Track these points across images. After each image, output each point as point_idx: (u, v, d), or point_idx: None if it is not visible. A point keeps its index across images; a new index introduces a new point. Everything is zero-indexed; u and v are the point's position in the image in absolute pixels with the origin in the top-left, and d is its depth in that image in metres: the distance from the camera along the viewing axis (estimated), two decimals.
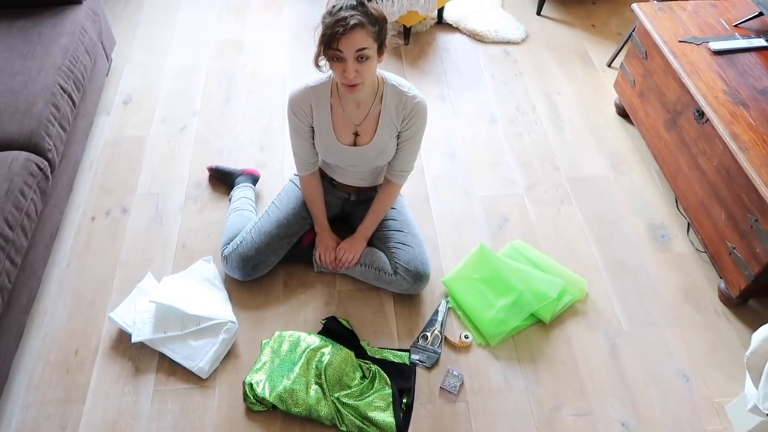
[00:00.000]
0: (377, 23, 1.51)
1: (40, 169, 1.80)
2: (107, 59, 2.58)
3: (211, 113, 2.54)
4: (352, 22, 1.45)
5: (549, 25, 3.10)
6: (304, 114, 1.75)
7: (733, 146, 1.81)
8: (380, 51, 1.57)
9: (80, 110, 2.19)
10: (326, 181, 1.98)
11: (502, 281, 1.91)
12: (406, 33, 2.90)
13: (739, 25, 2.22)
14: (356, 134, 1.77)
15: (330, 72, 1.69)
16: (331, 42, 1.48)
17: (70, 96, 2.04)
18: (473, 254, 1.99)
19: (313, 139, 1.82)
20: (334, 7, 1.49)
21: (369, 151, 1.79)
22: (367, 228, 1.93)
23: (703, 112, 1.95)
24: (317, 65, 1.59)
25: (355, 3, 1.49)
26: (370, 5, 1.50)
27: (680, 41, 2.15)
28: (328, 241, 1.94)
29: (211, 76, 2.70)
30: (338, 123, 1.76)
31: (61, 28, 2.16)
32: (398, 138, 1.79)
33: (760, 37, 2.16)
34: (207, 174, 2.28)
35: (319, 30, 1.52)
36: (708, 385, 1.78)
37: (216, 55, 2.82)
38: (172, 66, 2.75)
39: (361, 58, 1.51)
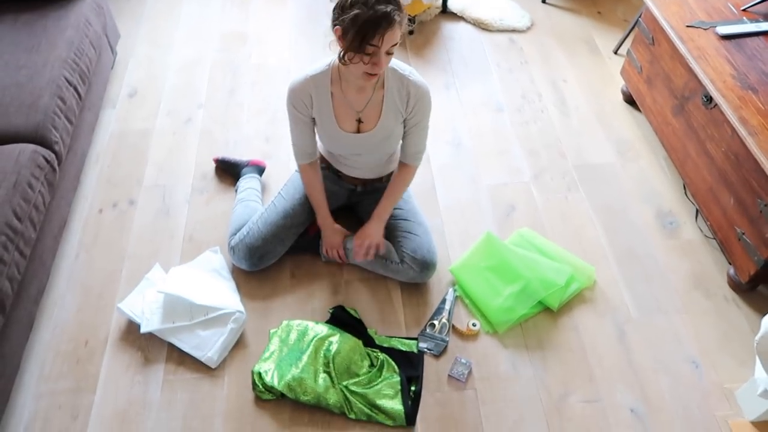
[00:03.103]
0: (404, 14, 1.49)
1: (47, 162, 1.80)
2: (112, 52, 2.58)
3: (216, 105, 2.54)
4: (397, 18, 1.43)
5: (554, 12, 3.07)
6: (304, 105, 1.73)
7: (741, 131, 1.79)
8: None
9: (86, 103, 2.19)
10: (332, 172, 1.97)
11: (509, 269, 1.90)
12: (411, 22, 2.88)
13: (747, 9, 2.19)
14: (359, 121, 1.76)
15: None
16: (371, 37, 1.43)
17: (75, 89, 2.05)
18: (480, 242, 1.98)
19: (313, 129, 1.81)
20: None
21: (373, 137, 1.78)
22: (383, 211, 1.88)
23: (711, 98, 1.93)
24: (344, 61, 1.52)
25: None
26: None
27: (687, 26, 2.13)
28: (333, 235, 1.92)
29: (216, 68, 2.70)
30: (340, 111, 1.74)
31: (65, 21, 2.16)
32: (405, 124, 1.78)
33: None
34: (213, 165, 2.28)
35: (347, 19, 1.43)
36: (718, 371, 1.77)
37: (220, 47, 2.82)
38: (176, 58, 2.75)
39: (389, 51, 1.49)
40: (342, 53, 1.52)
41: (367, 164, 1.90)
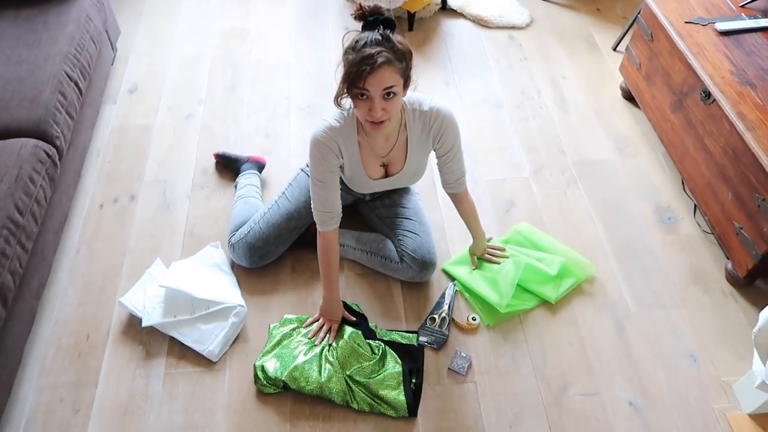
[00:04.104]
0: (404, 58, 1.43)
1: (49, 156, 1.81)
2: (112, 48, 2.58)
3: (216, 101, 2.54)
4: (379, 60, 1.36)
5: (554, 9, 3.08)
6: (335, 155, 1.63)
7: (740, 126, 1.80)
8: (405, 85, 1.49)
9: (87, 98, 2.20)
10: (341, 182, 1.95)
11: (502, 266, 1.91)
12: (411, 19, 2.89)
13: (746, 6, 2.20)
14: (386, 165, 1.75)
15: (349, 107, 1.61)
16: (356, 81, 1.39)
17: (76, 84, 2.05)
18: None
19: (339, 181, 1.71)
20: (357, 42, 1.40)
21: (401, 177, 1.79)
22: (479, 233, 1.92)
23: (709, 93, 1.94)
24: (338, 104, 1.52)
25: (380, 38, 1.39)
26: (394, 38, 1.41)
27: (686, 22, 2.14)
28: (336, 309, 1.78)
29: (216, 65, 2.71)
30: (367, 160, 1.70)
31: (66, 16, 2.17)
32: (436, 153, 1.73)
33: (766, 17, 2.14)
34: (213, 161, 2.29)
35: (341, 68, 1.43)
36: (716, 365, 1.78)
37: (220, 43, 2.82)
38: (176, 55, 2.75)
39: (388, 95, 1.42)
40: (335, 97, 1.51)
41: (382, 189, 1.89)
